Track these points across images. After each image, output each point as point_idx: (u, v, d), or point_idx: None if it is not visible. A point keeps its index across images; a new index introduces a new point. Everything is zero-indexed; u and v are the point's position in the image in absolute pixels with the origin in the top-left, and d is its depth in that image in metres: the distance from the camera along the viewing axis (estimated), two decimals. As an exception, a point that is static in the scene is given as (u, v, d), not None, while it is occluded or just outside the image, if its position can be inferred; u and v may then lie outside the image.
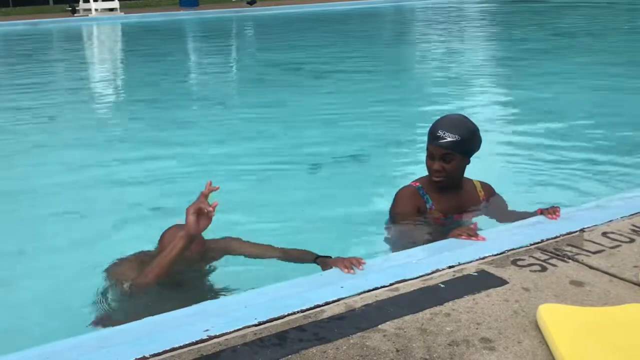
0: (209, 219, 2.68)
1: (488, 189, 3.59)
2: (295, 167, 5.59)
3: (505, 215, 3.52)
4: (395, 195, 3.46)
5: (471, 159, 3.41)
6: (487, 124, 6.22)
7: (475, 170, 3.53)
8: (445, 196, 3.41)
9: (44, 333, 2.79)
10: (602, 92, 8.79)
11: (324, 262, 2.83)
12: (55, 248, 4.04)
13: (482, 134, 3.40)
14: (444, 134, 3.26)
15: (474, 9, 24.29)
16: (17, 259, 3.89)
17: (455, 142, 3.25)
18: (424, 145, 3.42)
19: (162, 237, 2.96)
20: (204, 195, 2.67)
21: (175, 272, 2.89)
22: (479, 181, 3.59)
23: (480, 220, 3.43)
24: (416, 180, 3.50)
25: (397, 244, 3.32)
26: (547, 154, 5.91)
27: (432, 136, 3.30)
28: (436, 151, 3.28)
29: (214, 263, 3.09)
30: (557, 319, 2.18)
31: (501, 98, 9.07)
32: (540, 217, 3.26)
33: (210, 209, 2.62)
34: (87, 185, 5.26)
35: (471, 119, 3.41)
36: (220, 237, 3.14)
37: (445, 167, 3.29)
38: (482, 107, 8.10)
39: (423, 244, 3.08)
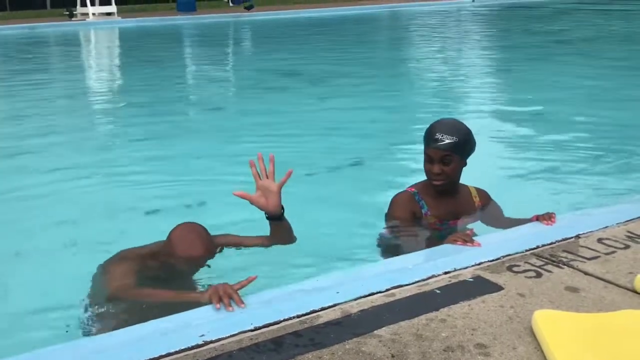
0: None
1: (484, 195, 3.60)
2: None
3: (500, 221, 3.54)
4: (391, 200, 3.47)
5: (467, 166, 3.42)
6: (482, 130, 6.21)
7: (471, 176, 3.55)
8: (440, 201, 3.42)
9: (40, 337, 2.79)
10: (598, 99, 8.81)
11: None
12: (52, 251, 4.03)
13: (477, 140, 3.42)
14: (442, 136, 3.28)
15: (470, 14, 24.34)
16: (12, 262, 3.88)
17: (453, 144, 3.26)
18: (421, 150, 3.43)
19: (170, 234, 2.93)
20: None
21: (184, 273, 2.91)
22: (475, 187, 3.60)
23: (476, 226, 3.44)
24: (412, 186, 3.51)
25: (393, 249, 3.32)
26: (543, 160, 5.93)
27: (430, 139, 3.31)
28: (435, 154, 3.29)
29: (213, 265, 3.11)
30: (552, 325, 2.19)
31: (496, 104, 9.08)
32: (536, 223, 3.27)
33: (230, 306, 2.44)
34: (84, 188, 5.26)
35: (464, 123, 3.44)
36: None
37: (445, 170, 3.30)
38: (478, 113, 8.11)
39: (419, 250, 3.09)
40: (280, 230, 3.12)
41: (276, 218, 3.07)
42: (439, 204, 3.42)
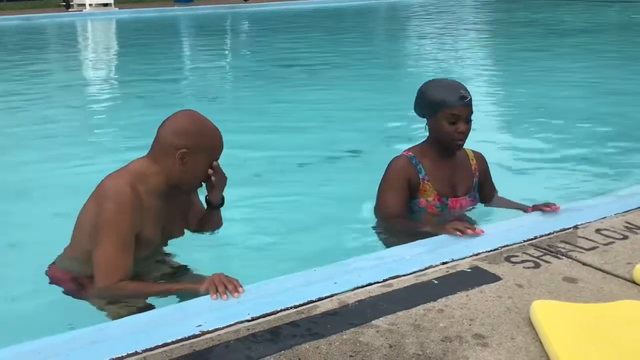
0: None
1: (480, 157, 3.55)
2: (288, 162, 5.57)
3: (496, 201, 3.54)
4: (387, 166, 3.39)
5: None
6: (482, 121, 6.22)
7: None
8: (439, 165, 3.34)
9: (37, 328, 2.77)
10: (597, 89, 8.81)
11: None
12: (48, 242, 4.01)
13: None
14: (466, 92, 3.21)
15: (469, 5, 24.29)
16: (9, 252, 3.87)
17: (471, 100, 3.23)
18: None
19: (173, 123, 3.02)
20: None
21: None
22: (471, 150, 3.56)
23: (474, 214, 3.44)
24: (408, 150, 3.44)
25: (390, 238, 3.31)
26: (542, 150, 5.92)
27: (456, 98, 3.18)
28: (463, 112, 3.19)
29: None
30: (550, 315, 2.19)
31: (496, 95, 9.07)
32: (534, 214, 3.27)
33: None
34: (80, 179, 5.22)
35: None
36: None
37: (469, 128, 3.23)
38: (477, 103, 8.07)
39: (416, 239, 3.07)
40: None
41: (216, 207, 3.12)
42: (437, 168, 3.34)
